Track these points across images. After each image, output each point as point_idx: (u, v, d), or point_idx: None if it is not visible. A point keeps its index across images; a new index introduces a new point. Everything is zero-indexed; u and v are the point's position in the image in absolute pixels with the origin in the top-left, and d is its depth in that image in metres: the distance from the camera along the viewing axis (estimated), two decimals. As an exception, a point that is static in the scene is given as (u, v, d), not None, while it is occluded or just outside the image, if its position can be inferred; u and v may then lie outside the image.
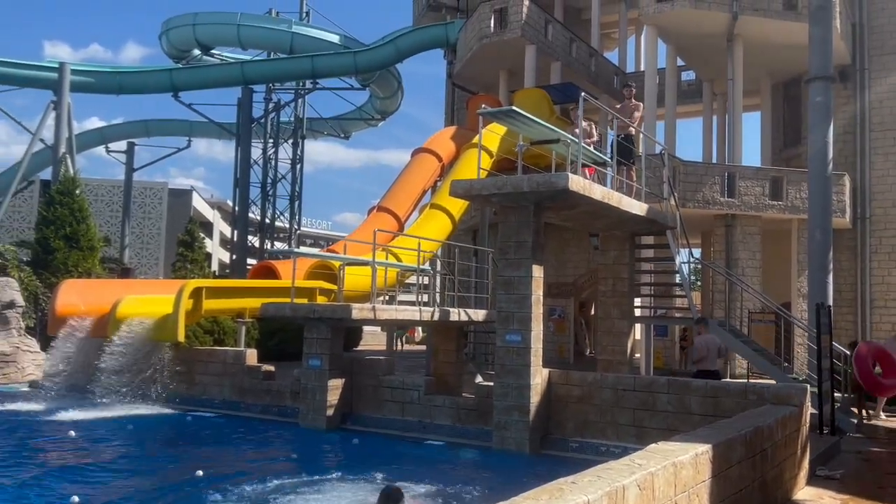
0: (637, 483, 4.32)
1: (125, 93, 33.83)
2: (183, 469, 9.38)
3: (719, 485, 5.58)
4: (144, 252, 50.39)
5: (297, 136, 37.86)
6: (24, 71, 31.11)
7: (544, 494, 3.77)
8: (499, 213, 11.24)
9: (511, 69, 25.19)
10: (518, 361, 10.57)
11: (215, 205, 62.64)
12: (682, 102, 27.52)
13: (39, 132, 30.60)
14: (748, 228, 21.67)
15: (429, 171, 21.07)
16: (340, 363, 12.86)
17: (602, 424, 10.65)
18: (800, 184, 21.24)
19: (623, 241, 13.95)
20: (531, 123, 10.63)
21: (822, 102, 15.16)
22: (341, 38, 34.74)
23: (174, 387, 14.56)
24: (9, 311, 17.25)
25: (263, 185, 36.60)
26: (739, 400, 9.59)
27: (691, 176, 21.15)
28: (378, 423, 12.52)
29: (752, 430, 6.44)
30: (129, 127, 42.75)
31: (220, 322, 19.95)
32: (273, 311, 13.40)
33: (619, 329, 13.79)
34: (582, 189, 10.22)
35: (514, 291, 10.70)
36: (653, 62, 23.13)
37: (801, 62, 20.60)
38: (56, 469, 9.60)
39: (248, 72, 33.47)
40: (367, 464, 10.04)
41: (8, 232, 43.06)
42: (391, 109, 41.45)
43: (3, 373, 16.91)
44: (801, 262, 21.37)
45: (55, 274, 21.11)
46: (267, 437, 12.29)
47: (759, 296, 17.95)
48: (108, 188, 50.20)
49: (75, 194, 23.45)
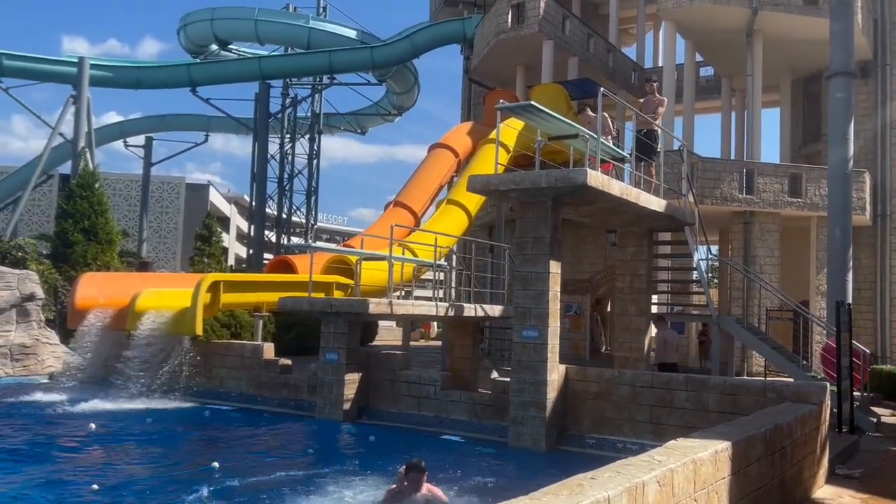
0: (657, 479, 4.31)
1: (143, 87, 34.03)
2: (200, 461, 9.44)
3: (738, 482, 5.56)
4: (162, 246, 50.72)
5: (314, 132, 37.96)
6: (43, 66, 31.38)
7: (564, 490, 3.77)
8: (516, 209, 11.22)
9: (528, 64, 25.13)
10: (535, 357, 10.56)
11: (232, 199, 62.93)
12: (700, 98, 27.36)
13: (59, 126, 30.83)
14: (767, 226, 21.52)
15: (445, 167, 21.07)
16: (357, 357, 12.91)
17: (619, 421, 10.63)
18: (819, 181, 21.06)
19: (641, 238, 13.89)
20: (549, 118, 10.60)
21: (843, 98, 15.01)
22: (358, 34, 34.79)
23: (192, 380, 14.66)
24: (29, 303, 17.42)
25: (280, 181, 36.74)
26: (758, 398, 9.54)
27: (709, 172, 21.02)
28: (394, 418, 12.56)
29: (771, 428, 6.40)
30: (147, 122, 43.03)
31: (237, 316, 20.05)
32: (290, 305, 13.46)
33: (637, 326, 13.74)
34: (600, 185, 10.19)
35: (531, 287, 10.68)
36: (671, 58, 23.01)
37: (821, 58, 20.44)
38: (76, 460, 9.72)
39: (266, 67, 33.58)
40: (384, 458, 10.07)
41: (28, 225, 43.49)
42: (407, 105, 41.48)
43: (24, 365, 17.09)
44: (819, 260, 21.20)
45: (74, 267, 21.30)
46: (284, 430, 12.35)
47: (778, 293, 17.82)
48: (125, 182, 50.54)
49: (94, 188, 23.63)
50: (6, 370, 16.78)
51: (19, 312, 17.28)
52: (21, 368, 17.02)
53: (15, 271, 17.78)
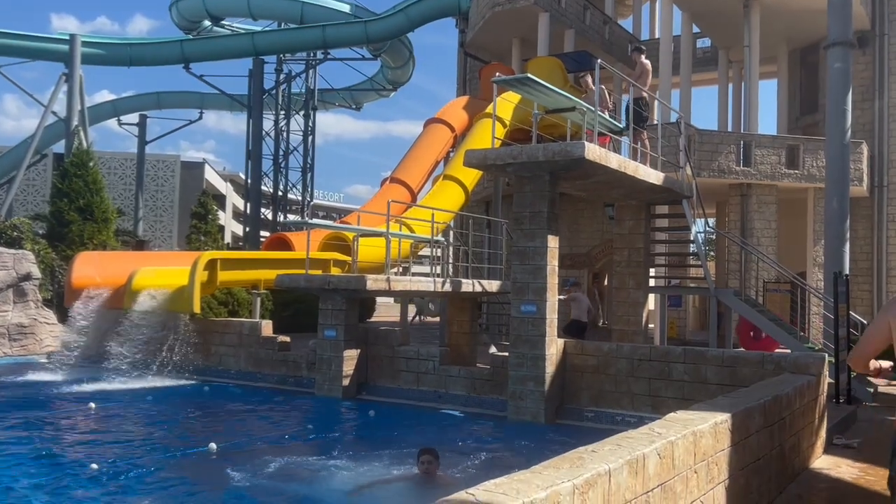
0: (657, 451, 4.31)
1: (136, 65, 33.72)
2: (199, 439, 9.47)
3: (738, 453, 5.57)
4: (158, 224, 50.59)
5: (309, 108, 37.70)
6: (35, 43, 31.08)
7: (565, 463, 3.76)
8: (513, 184, 11.16)
9: (524, 37, 24.91)
10: (533, 332, 10.57)
11: (228, 177, 62.65)
12: (697, 70, 27.15)
13: (52, 105, 30.58)
14: (764, 198, 21.47)
15: (441, 142, 20.96)
16: (355, 334, 12.92)
17: (617, 394, 10.67)
18: (816, 152, 20.98)
19: (639, 211, 13.86)
20: (546, 91, 10.52)
21: (841, 69, 14.88)
22: (352, 8, 34.42)
23: (191, 358, 14.67)
24: (26, 283, 17.37)
25: (276, 158, 36.54)
26: (756, 369, 9.56)
27: (707, 145, 20.93)
28: (393, 394, 12.60)
29: (770, 399, 6.41)
30: (140, 99, 42.70)
31: (235, 294, 20.03)
32: (288, 283, 13.44)
33: (635, 299, 13.75)
34: (598, 158, 10.13)
35: (528, 262, 10.67)
36: (668, 29, 22.85)
37: (818, 28, 20.27)
38: (75, 439, 9.73)
39: (259, 42, 33.25)
40: (384, 433, 10.12)
41: (23, 205, 43.31)
42: (403, 80, 41.18)
43: (22, 345, 17.09)
44: (817, 232, 21.20)
45: (70, 246, 21.19)
46: (283, 407, 12.39)
47: (775, 265, 17.84)
48: (120, 161, 50.30)
49: (89, 167, 23.44)
50: (4, 350, 16.78)
51: (16, 292, 17.24)
52: (19, 348, 17.02)
53: (11, 251, 17.70)
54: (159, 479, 7.77)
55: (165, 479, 7.76)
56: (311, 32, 32.62)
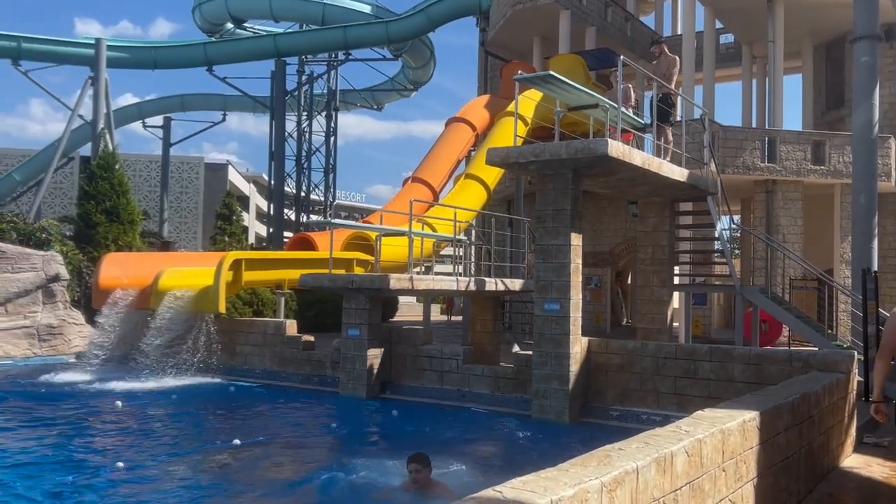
0: (685, 449, 4.27)
1: (160, 67, 34.07)
2: (223, 438, 9.53)
3: (766, 452, 5.51)
4: (182, 226, 51.01)
5: (331, 109, 37.85)
6: (61, 48, 31.49)
7: (592, 461, 3.74)
8: (536, 182, 11.12)
9: (545, 35, 24.84)
10: (557, 330, 10.53)
11: (251, 178, 63.05)
12: (720, 66, 26.94)
13: (78, 108, 30.98)
14: (789, 194, 21.24)
15: (463, 141, 20.95)
16: (379, 333, 12.95)
17: (642, 393, 10.60)
18: (843, 147, 20.71)
19: (663, 208, 13.76)
20: (569, 88, 10.48)
21: (868, 62, 14.67)
22: (373, 8, 34.51)
23: (216, 357, 14.78)
24: (54, 284, 17.61)
25: (298, 158, 36.72)
26: (784, 367, 9.47)
27: (731, 141, 20.73)
28: (417, 392, 12.61)
29: (799, 397, 6.34)
30: (165, 102, 43.13)
31: (259, 293, 20.17)
32: (311, 282, 13.50)
33: (659, 297, 13.66)
34: (622, 155, 10.07)
35: (552, 260, 10.63)
36: (691, 25, 22.67)
37: (845, 21, 20.02)
38: (102, 437, 9.85)
39: (281, 44, 33.44)
40: (408, 432, 10.13)
41: (50, 207, 43.87)
42: (424, 79, 41.22)
43: (51, 345, 17.32)
44: (844, 228, 20.92)
45: (97, 248, 21.45)
46: (307, 406, 12.45)
47: (801, 262, 17.62)
48: (145, 163, 50.77)
49: (115, 169, 23.71)
50: (34, 350, 17.01)
51: (45, 293, 17.48)
52: (48, 349, 17.25)
53: (40, 253, 17.95)
54: (182, 475, 7.87)
55: (188, 476, 7.85)
56: (332, 33, 32.76)
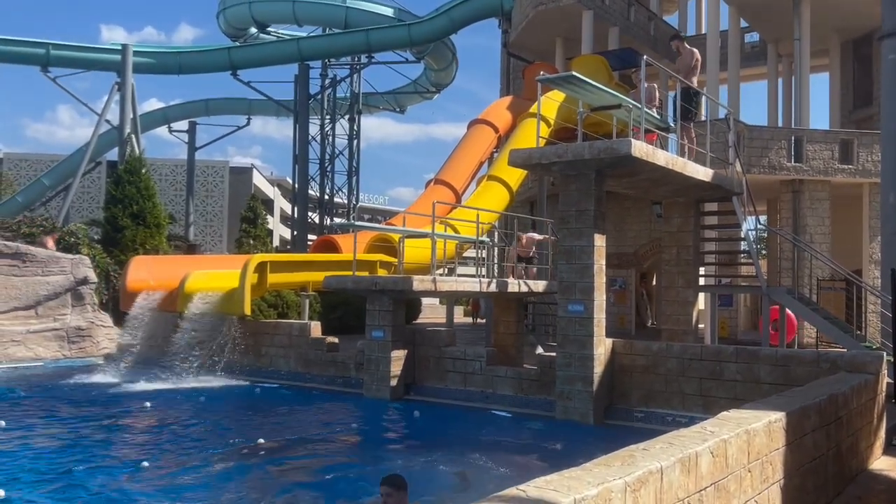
0: (710, 450, 4.25)
1: (185, 73, 34.41)
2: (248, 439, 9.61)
3: (793, 453, 5.46)
4: (208, 229, 51.48)
5: (354, 112, 38.01)
6: (88, 54, 31.93)
7: (616, 461, 3.74)
8: (559, 183, 11.10)
9: (567, 36, 24.77)
10: (581, 331, 10.50)
11: (275, 182, 63.49)
12: (745, 65, 26.71)
13: (105, 113, 31.37)
14: (816, 194, 20.99)
15: (485, 143, 20.96)
16: (403, 334, 12.98)
17: (667, 394, 10.53)
18: (871, 146, 20.43)
19: (687, 208, 13.67)
20: (591, 89, 10.44)
21: (897, 60, 14.49)
22: (395, 11, 34.62)
23: (242, 359, 14.91)
24: (83, 287, 17.87)
25: (322, 162, 36.91)
26: (811, 368, 9.36)
27: (756, 140, 20.53)
28: (441, 394, 12.63)
29: (826, 398, 6.27)
30: (190, 107, 43.52)
31: (284, 296, 20.30)
32: (335, 284, 13.58)
33: (684, 298, 13.57)
34: (645, 155, 10.03)
35: (575, 261, 10.60)
36: (715, 24, 22.48)
37: (872, 18, 19.77)
38: (130, 437, 9.99)
39: (305, 48, 33.65)
40: (433, 434, 10.15)
41: (78, 212, 44.48)
42: (446, 82, 41.25)
43: (80, 347, 17.56)
44: (872, 228, 20.63)
45: (124, 251, 21.73)
46: (331, 407, 12.52)
47: (829, 262, 17.41)
48: (171, 167, 51.29)
49: (141, 173, 24.03)
50: (63, 352, 17.27)
51: (74, 296, 17.74)
52: (77, 350, 17.49)
53: (69, 256, 18.23)
54: (206, 473, 7.97)
55: (212, 474, 7.96)
56: (355, 37, 32.90)
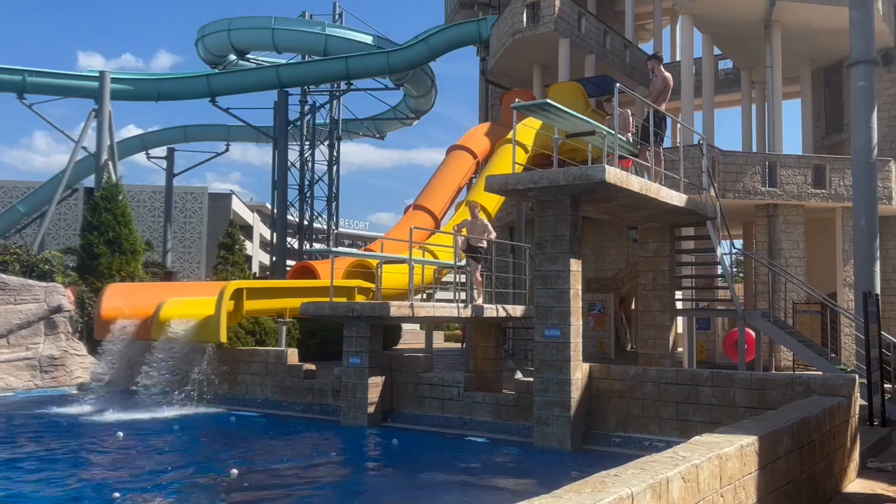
0: (681, 475, 4.25)
1: (164, 99, 34.33)
2: (222, 468, 9.48)
3: (766, 477, 5.47)
4: (186, 255, 51.15)
5: (333, 138, 38.10)
6: (66, 81, 31.78)
7: (587, 487, 3.73)
8: (535, 208, 11.16)
9: (545, 64, 25.04)
10: (558, 356, 10.50)
11: (254, 208, 63.32)
12: (719, 92, 27.10)
13: (82, 140, 31.20)
14: (791, 218, 21.27)
15: (464, 168, 21.07)
16: (380, 361, 12.91)
17: (645, 419, 10.54)
18: (843, 171, 20.78)
19: (663, 234, 13.77)
20: (565, 116, 10.55)
21: (865, 87, 14.79)
22: (374, 39, 34.87)
23: (218, 387, 14.75)
24: (56, 315, 17.65)
25: (301, 188, 36.89)
26: (785, 391, 9.41)
27: (731, 166, 20.81)
28: (419, 421, 12.55)
29: (798, 421, 6.30)
30: (168, 133, 43.40)
31: (262, 322, 20.17)
32: (313, 311, 13.50)
33: (661, 322, 13.62)
34: (619, 181, 10.11)
35: (552, 286, 10.63)
36: (689, 52, 22.82)
37: (841, 47, 20.18)
38: (102, 469, 9.80)
39: (284, 75, 33.74)
40: (410, 461, 10.06)
41: (54, 239, 44.06)
42: (426, 108, 41.51)
43: (53, 376, 17.31)
44: (846, 251, 20.91)
45: (100, 279, 21.53)
46: (308, 435, 12.38)
47: (804, 286, 17.59)
48: (149, 194, 51.04)
49: (118, 200, 23.88)
50: (36, 382, 17.00)
51: (47, 325, 17.52)
52: (50, 380, 17.23)
53: (42, 284, 18.02)
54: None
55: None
56: (334, 64, 33.05)
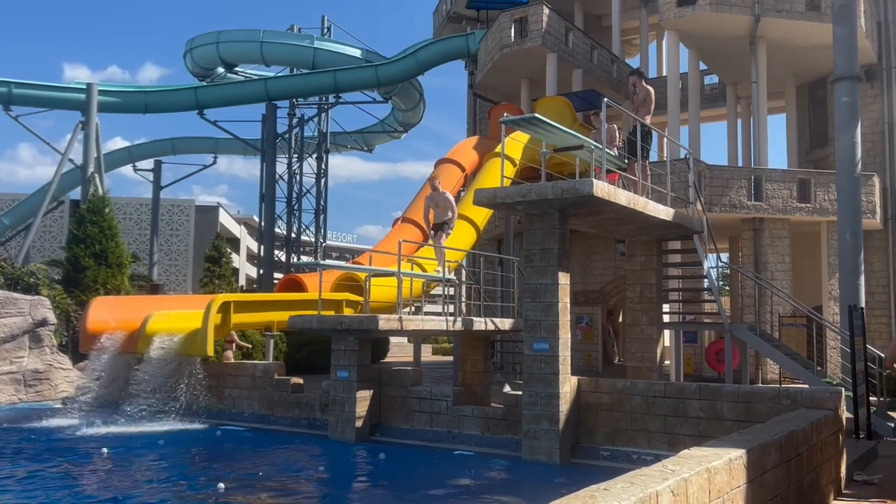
0: (671, 489, 4.25)
1: (151, 112, 34.26)
2: (208, 483, 9.40)
3: (754, 490, 5.49)
4: (173, 268, 50.90)
5: (321, 151, 38.11)
6: (52, 93, 31.68)
7: (577, 501, 3.72)
8: (524, 221, 11.20)
9: (532, 78, 25.20)
10: (546, 370, 10.51)
11: (242, 220, 63.14)
12: (705, 107, 27.34)
13: (69, 152, 31.07)
14: (776, 232, 21.43)
15: (452, 182, 21.09)
16: (368, 374, 12.87)
17: (633, 432, 10.54)
18: (828, 185, 20.97)
19: (650, 247, 13.84)
20: (553, 130, 10.61)
21: (849, 102, 14.98)
22: (363, 52, 34.98)
23: (204, 401, 14.64)
24: (41, 329, 17.49)
25: (289, 200, 36.85)
26: (772, 405, 9.45)
27: (717, 180, 20.97)
28: (407, 435, 12.50)
29: (786, 435, 6.33)
30: (155, 146, 43.30)
31: (249, 336, 20.07)
32: (300, 324, 13.46)
33: (648, 336, 13.66)
34: (606, 195, 10.17)
35: (540, 299, 10.65)
36: (675, 67, 23.01)
37: (825, 63, 20.41)
38: (87, 484, 9.70)
39: (272, 88, 33.78)
40: (398, 476, 10.02)
41: (39, 252, 43.74)
42: (414, 121, 41.62)
43: (37, 390, 17.13)
44: (831, 265, 21.08)
45: (86, 292, 21.38)
46: (295, 449, 12.31)
47: (790, 299, 17.71)
48: (135, 206, 50.82)
49: (105, 213, 23.77)
50: (20, 396, 16.83)
51: (32, 338, 17.35)
52: (34, 394, 17.06)
53: (27, 297, 17.87)
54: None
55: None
56: (322, 77, 33.12)
